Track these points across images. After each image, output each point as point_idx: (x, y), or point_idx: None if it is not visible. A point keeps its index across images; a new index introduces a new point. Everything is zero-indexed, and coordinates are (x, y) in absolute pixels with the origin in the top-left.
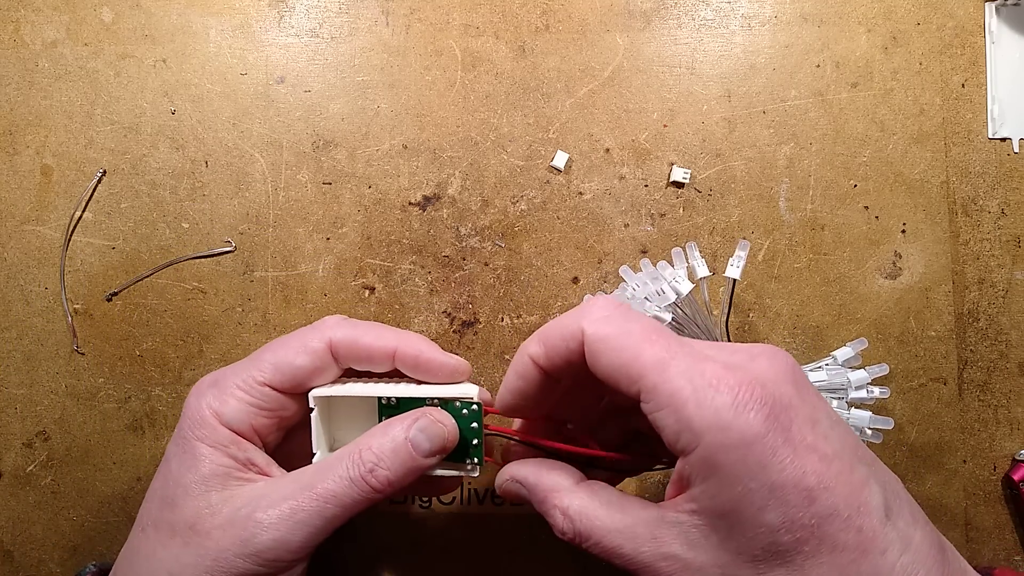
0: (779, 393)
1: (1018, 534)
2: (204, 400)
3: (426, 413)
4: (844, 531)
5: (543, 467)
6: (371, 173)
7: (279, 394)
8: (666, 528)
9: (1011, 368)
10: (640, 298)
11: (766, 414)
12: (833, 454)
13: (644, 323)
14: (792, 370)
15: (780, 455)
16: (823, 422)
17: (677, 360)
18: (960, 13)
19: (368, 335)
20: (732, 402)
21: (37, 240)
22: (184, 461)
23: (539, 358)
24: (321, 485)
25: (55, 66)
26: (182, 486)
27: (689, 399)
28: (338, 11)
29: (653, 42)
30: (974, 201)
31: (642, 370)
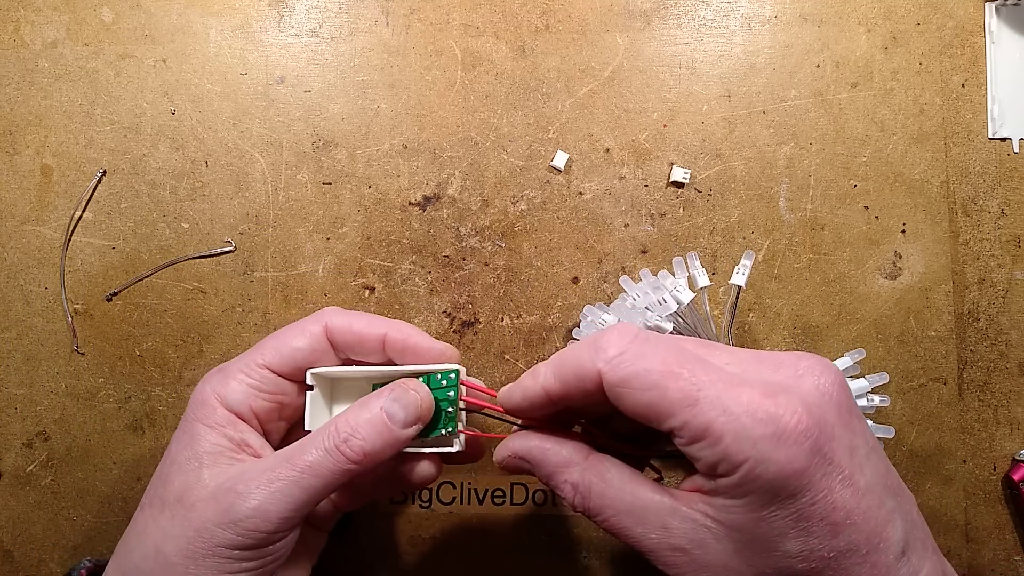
0: (824, 421)
1: (1018, 534)
2: (208, 385)
3: (399, 384)
4: (859, 565)
5: (550, 442)
6: (371, 173)
7: (278, 377)
8: (678, 520)
9: (1011, 368)
10: (641, 308)
11: (809, 447)
12: (866, 487)
13: (664, 355)
14: (839, 391)
15: (815, 488)
16: (861, 450)
17: (706, 391)
18: (960, 13)
19: (360, 321)
20: (773, 433)
21: (37, 240)
22: (182, 441)
23: (553, 393)
24: (299, 457)
25: (55, 66)
26: (176, 463)
27: (725, 432)
28: (338, 11)
29: (653, 42)
30: (974, 201)
31: (670, 408)
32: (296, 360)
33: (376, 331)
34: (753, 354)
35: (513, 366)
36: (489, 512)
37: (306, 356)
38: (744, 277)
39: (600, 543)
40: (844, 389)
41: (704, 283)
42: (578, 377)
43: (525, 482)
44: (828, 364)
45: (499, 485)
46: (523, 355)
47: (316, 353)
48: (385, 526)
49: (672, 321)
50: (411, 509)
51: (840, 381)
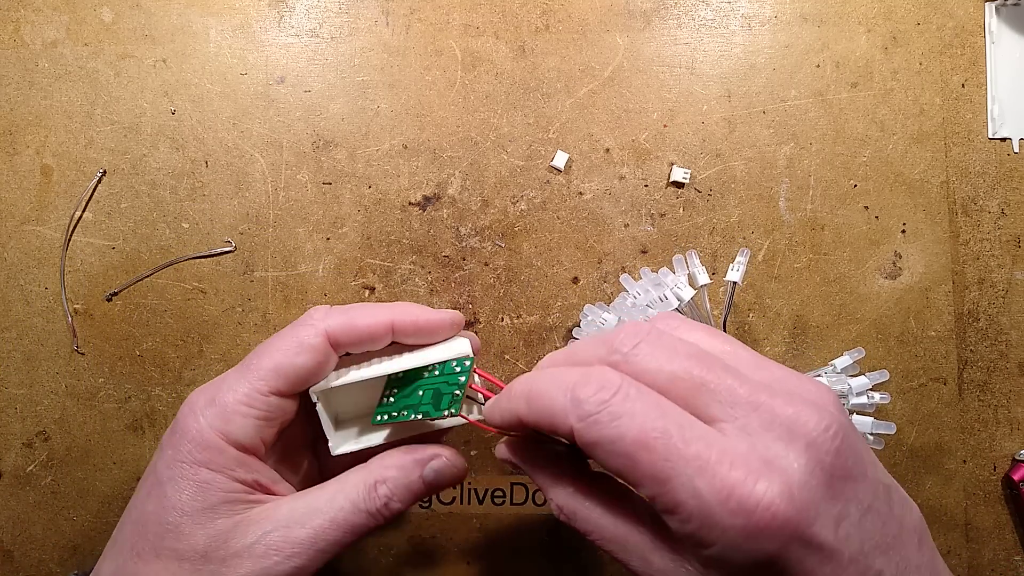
0: (807, 504)
1: (1018, 534)
2: (204, 420)
3: (442, 454)
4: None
5: (539, 457)
6: (371, 173)
7: (283, 399)
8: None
9: (1011, 368)
10: (642, 306)
11: (783, 539)
12: (850, 559)
13: (641, 420)
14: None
15: (790, 568)
16: (850, 518)
17: (679, 470)
18: (960, 13)
19: (363, 317)
20: (744, 526)
21: (37, 240)
22: (184, 487)
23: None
24: (340, 515)
25: (55, 66)
26: (186, 513)
27: (693, 516)
28: (338, 11)
29: (653, 42)
30: (974, 201)
31: (641, 480)
32: (300, 378)
33: (382, 321)
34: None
35: (513, 366)
36: (489, 512)
37: (311, 371)
38: (739, 273)
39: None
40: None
41: (704, 281)
42: (550, 421)
43: (525, 482)
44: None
45: (499, 485)
46: (523, 355)
47: (320, 365)
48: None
49: None
50: (411, 509)
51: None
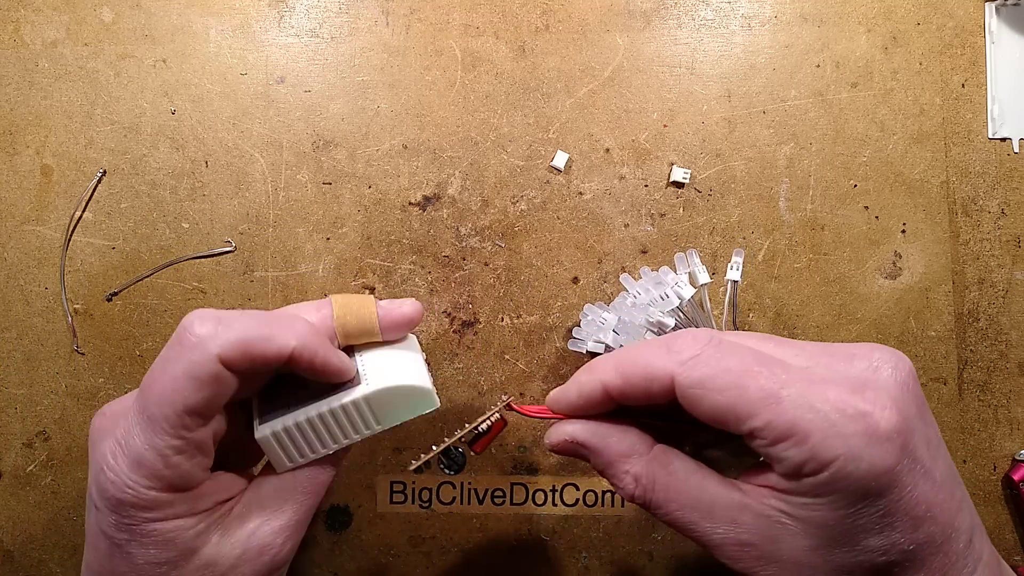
0: (908, 417)
1: (1018, 534)
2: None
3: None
4: (933, 555)
5: (610, 429)
6: (371, 173)
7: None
8: (749, 516)
9: (1011, 368)
10: (642, 305)
11: (900, 445)
12: (941, 479)
13: (741, 355)
14: (915, 384)
15: (902, 485)
16: (934, 441)
17: (789, 388)
18: (960, 13)
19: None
20: (865, 430)
21: (37, 240)
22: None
23: (614, 390)
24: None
25: (55, 66)
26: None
27: (814, 430)
28: (338, 11)
29: (653, 42)
30: (974, 201)
31: (750, 408)
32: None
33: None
34: (822, 347)
35: (513, 366)
36: (489, 512)
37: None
38: (738, 272)
39: (599, 543)
40: (917, 381)
41: (704, 280)
42: (646, 377)
43: (525, 482)
44: (901, 356)
45: (499, 485)
46: (523, 355)
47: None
48: (385, 526)
49: (674, 317)
50: (411, 509)
51: (914, 373)
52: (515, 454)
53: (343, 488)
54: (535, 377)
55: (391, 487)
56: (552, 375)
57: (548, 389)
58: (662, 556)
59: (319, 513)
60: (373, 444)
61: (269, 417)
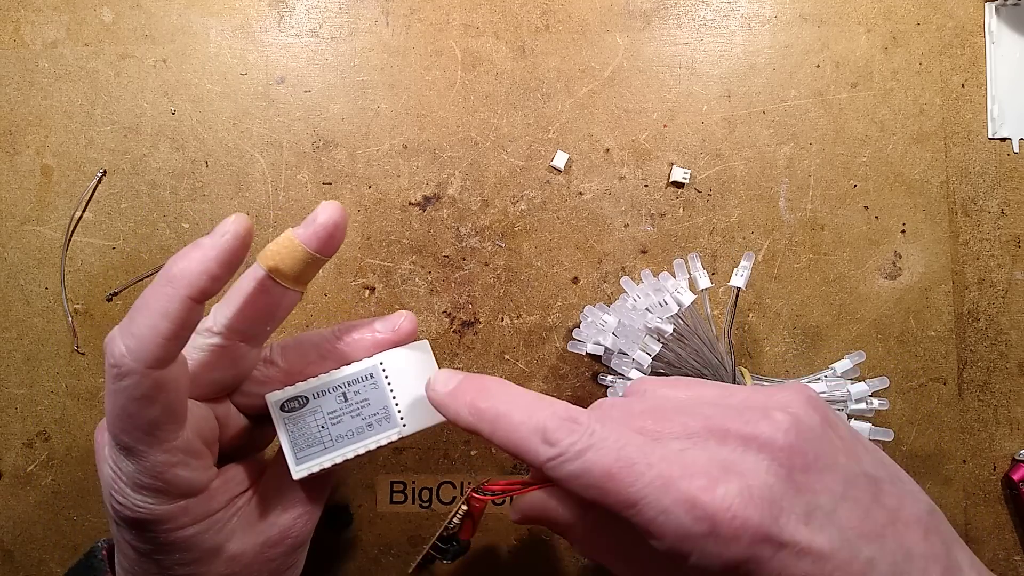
0: (771, 501)
1: (1018, 534)
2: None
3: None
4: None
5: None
6: (371, 173)
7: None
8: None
9: (1011, 368)
10: (642, 309)
11: (749, 540)
12: (830, 550)
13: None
14: (788, 454)
15: (768, 569)
16: (825, 506)
17: (647, 491)
18: (960, 13)
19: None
20: (711, 532)
21: (37, 240)
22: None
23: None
24: None
25: (55, 66)
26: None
27: (666, 532)
28: (338, 11)
29: (653, 42)
30: (974, 201)
31: (614, 506)
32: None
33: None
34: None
35: (513, 366)
36: (489, 512)
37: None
38: (744, 279)
39: None
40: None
41: (705, 285)
42: (516, 453)
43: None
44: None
45: None
46: (523, 355)
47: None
48: (385, 526)
49: (673, 323)
50: (411, 509)
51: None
52: None
53: (343, 488)
54: (535, 377)
55: (391, 487)
56: (552, 375)
57: (548, 389)
58: None
59: None
60: None
61: (304, 459)
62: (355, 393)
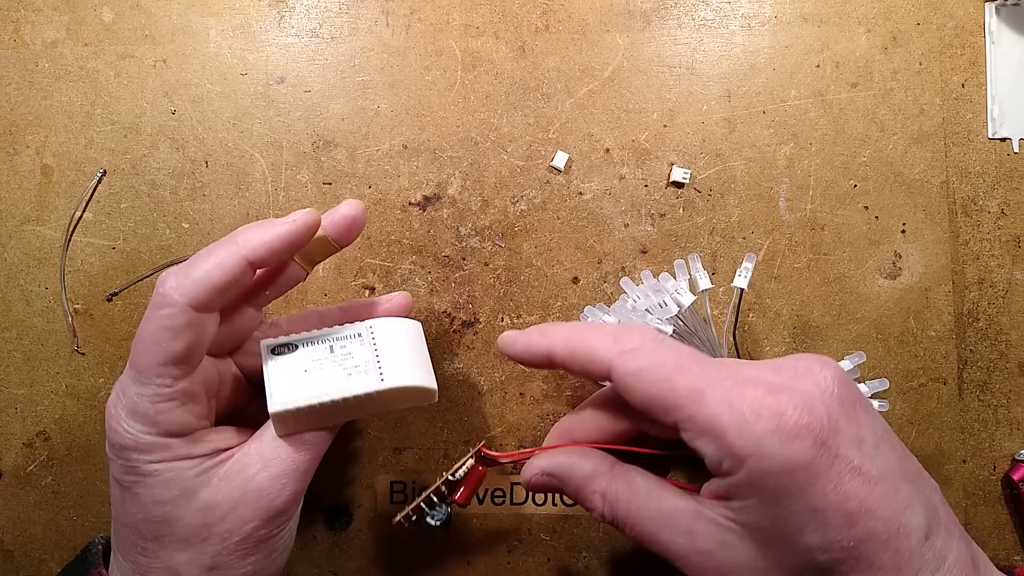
0: (826, 416)
1: (1018, 534)
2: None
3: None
4: (881, 552)
5: (576, 455)
6: (371, 173)
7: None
8: (703, 524)
9: (1011, 368)
10: (641, 310)
11: (811, 441)
12: (878, 475)
13: (678, 352)
14: (839, 386)
15: (824, 480)
16: (869, 440)
17: (714, 387)
18: (960, 13)
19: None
20: (776, 428)
21: (37, 240)
22: (152, 486)
23: (557, 360)
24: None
25: (55, 66)
26: (167, 504)
27: (729, 426)
28: (338, 11)
29: (653, 42)
30: (974, 201)
31: (677, 401)
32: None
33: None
34: (759, 363)
35: (513, 366)
36: (489, 512)
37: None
38: (746, 280)
39: (600, 543)
40: (845, 384)
41: (705, 286)
42: (588, 359)
43: None
44: (826, 361)
45: (499, 485)
46: None
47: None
48: (385, 526)
49: (672, 324)
50: None
51: (839, 376)
52: None
53: (343, 488)
54: (535, 377)
55: (391, 487)
56: (552, 375)
57: (548, 389)
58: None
59: (319, 513)
60: (373, 444)
61: (283, 395)
62: (341, 347)
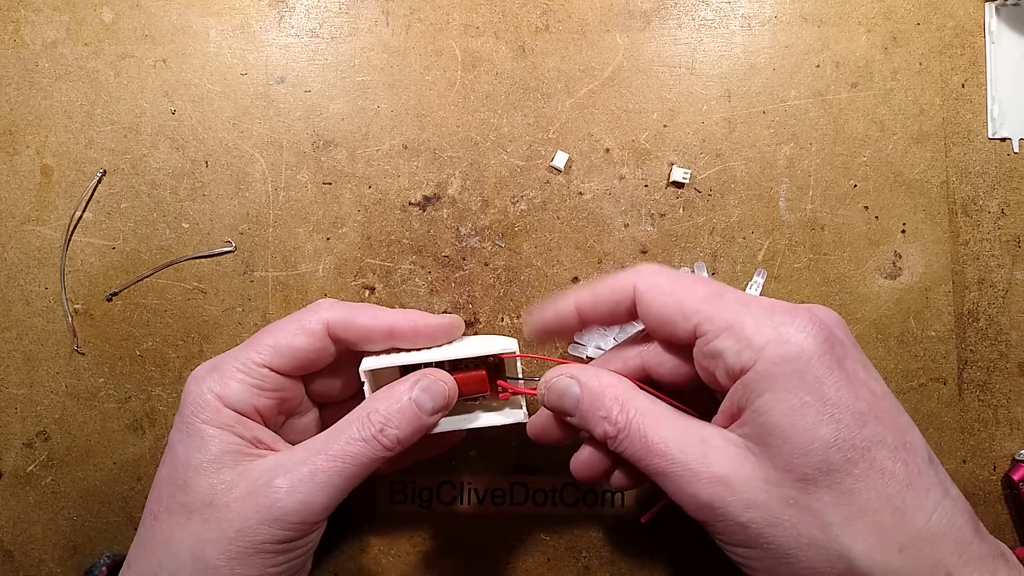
0: (835, 327)
1: (1018, 534)
2: (204, 385)
3: (427, 374)
4: (892, 460)
5: (601, 368)
6: (371, 173)
7: (279, 376)
8: (718, 440)
9: (1011, 368)
10: None
11: (824, 337)
12: (883, 393)
13: (691, 276)
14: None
15: (836, 375)
16: (871, 369)
17: (730, 292)
18: (960, 13)
19: (363, 315)
20: (791, 321)
21: (37, 240)
22: (191, 444)
23: (585, 306)
24: (336, 447)
25: (55, 66)
26: (192, 467)
27: (748, 320)
28: (338, 11)
29: (653, 42)
30: (974, 201)
31: (696, 304)
32: (297, 359)
33: (381, 324)
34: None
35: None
36: (489, 512)
37: (307, 355)
38: (758, 292)
39: (600, 543)
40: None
41: None
42: (613, 288)
43: (525, 482)
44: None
45: (499, 485)
46: None
47: (317, 351)
48: (385, 526)
49: None
50: (411, 509)
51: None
52: (515, 454)
53: None
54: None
55: (391, 487)
56: None
57: None
58: (662, 556)
59: None
60: None
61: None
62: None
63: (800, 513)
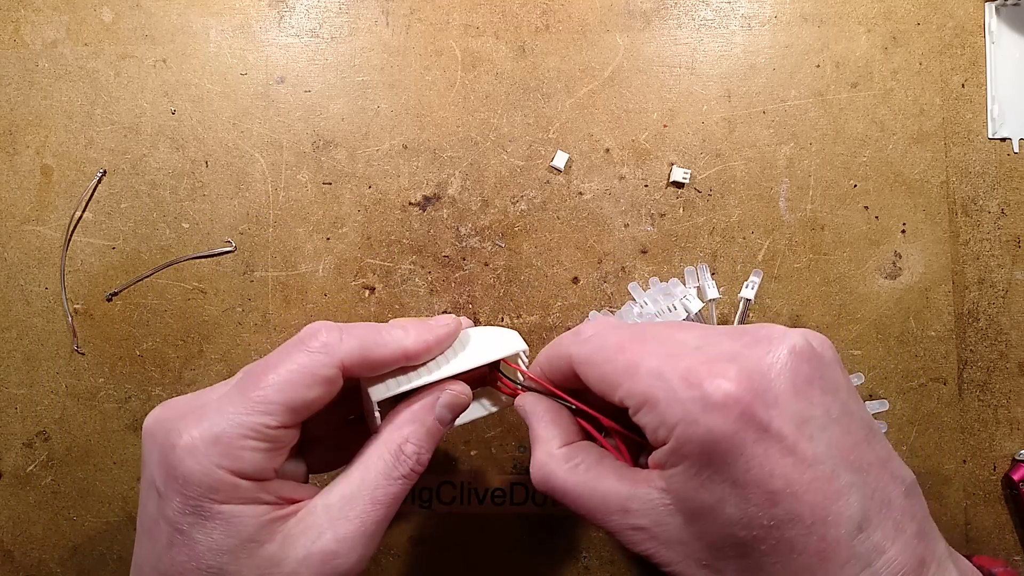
0: (763, 388)
1: (1018, 534)
2: (209, 460)
3: (446, 389)
4: (805, 537)
5: (545, 416)
6: (371, 173)
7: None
8: (636, 502)
9: (1011, 368)
10: (649, 315)
11: (738, 412)
12: (813, 458)
13: (623, 336)
14: (795, 360)
15: (748, 455)
16: (817, 421)
17: (647, 361)
18: (960, 13)
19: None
20: (701, 396)
21: (37, 240)
22: (214, 529)
23: (544, 373)
24: (379, 492)
25: (55, 66)
26: (227, 553)
27: (660, 397)
28: (338, 11)
29: (653, 42)
30: (974, 201)
31: (617, 379)
32: (311, 410)
33: (394, 355)
34: (728, 329)
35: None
36: (489, 512)
37: (322, 403)
38: (753, 292)
39: (600, 543)
40: (804, 358)
41: (713, 295)
42: (559, 357)
43: (525, 482)
44: (794, 333)
45: (499, 485)
46: None
47: (331, 394)
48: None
49: None
50: (411, 509)
51: (801, 350)
52: (515, 454)
53: None
54: None
55: None
56: None
57: None
58: None
59: None
60: None
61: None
62: None
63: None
